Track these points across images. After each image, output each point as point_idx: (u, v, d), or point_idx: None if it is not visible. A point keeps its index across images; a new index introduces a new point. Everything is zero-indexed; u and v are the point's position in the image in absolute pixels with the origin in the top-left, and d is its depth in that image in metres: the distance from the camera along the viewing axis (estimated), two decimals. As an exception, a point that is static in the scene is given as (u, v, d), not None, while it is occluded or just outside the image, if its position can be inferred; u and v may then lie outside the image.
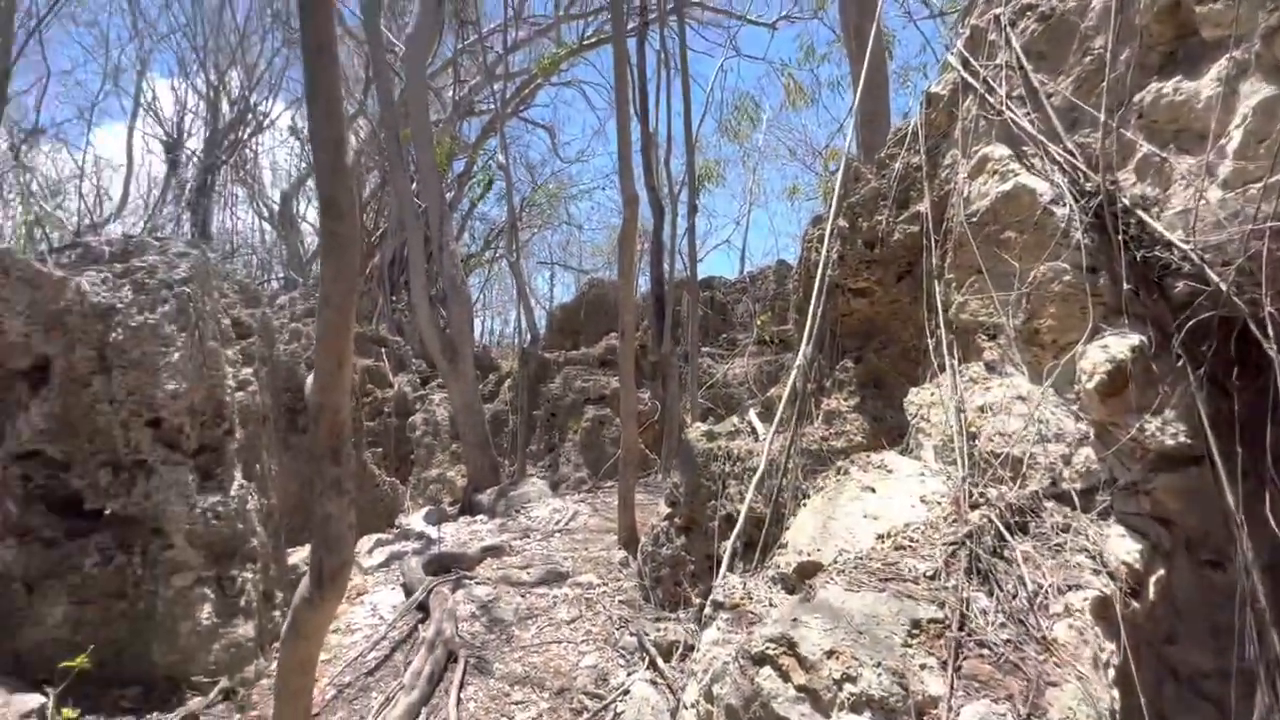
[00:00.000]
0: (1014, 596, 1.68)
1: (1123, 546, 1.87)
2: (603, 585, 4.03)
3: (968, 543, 1.81)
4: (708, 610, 2.31)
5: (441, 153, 10.27)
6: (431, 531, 5.56)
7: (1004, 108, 2.49)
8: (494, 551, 4.67)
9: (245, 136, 17.56)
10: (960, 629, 1.57)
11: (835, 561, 1.93)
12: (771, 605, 2.03)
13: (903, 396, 2.66)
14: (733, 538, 2.91)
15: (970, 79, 2.71)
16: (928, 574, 1.75)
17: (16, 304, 2.78)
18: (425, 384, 10.15)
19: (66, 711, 2.33)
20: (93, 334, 2.79)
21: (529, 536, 5.26)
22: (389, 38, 10.59)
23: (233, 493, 2.99)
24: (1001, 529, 1.86)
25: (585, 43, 14.04)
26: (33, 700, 2.31)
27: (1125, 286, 2.04)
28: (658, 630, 3.20)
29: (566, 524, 5.56)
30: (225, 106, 17.41)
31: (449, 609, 3.29)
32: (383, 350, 10.26)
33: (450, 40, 14.55)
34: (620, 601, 3.77)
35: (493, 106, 14.83)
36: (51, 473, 2.91)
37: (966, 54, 2.80)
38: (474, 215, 16.52)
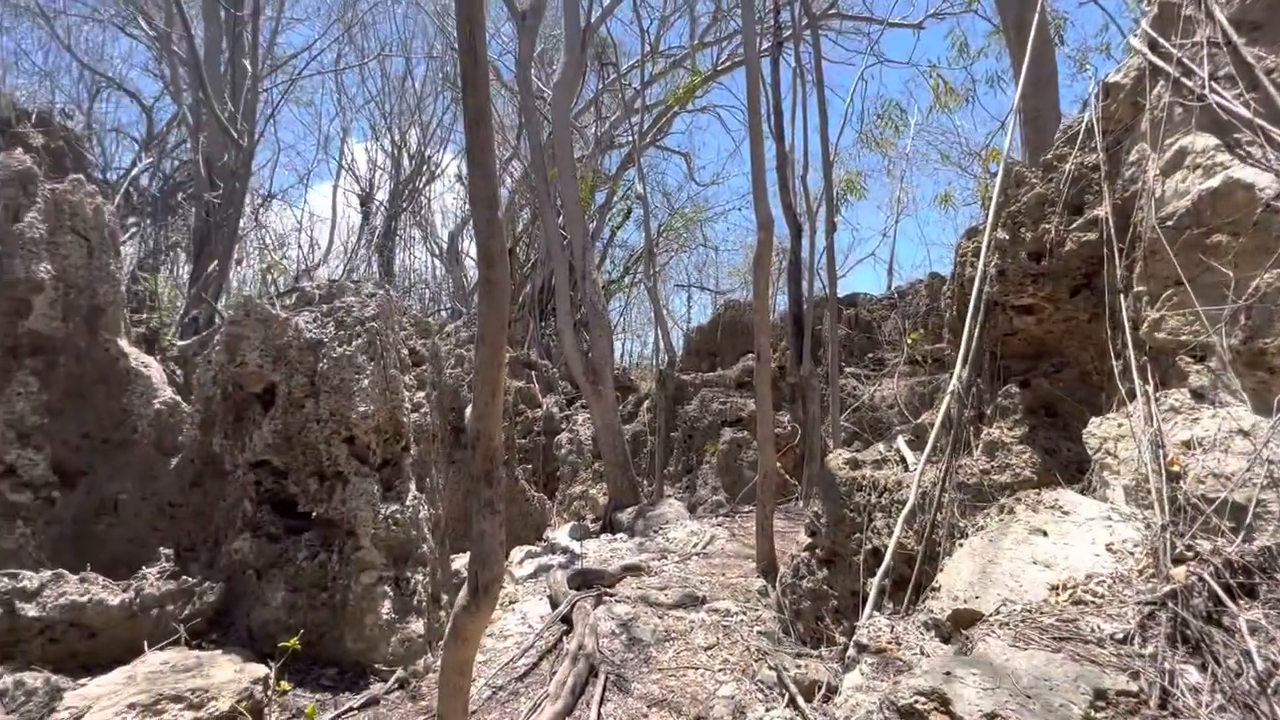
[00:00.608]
0: (1237, 675, 1.40)
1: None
2: (741, 613, 3.95)
3: (1171, 604, 1.54)
4: (851, 651, 2.18)
5: (585, 187, 10.95)
6: (575, 547, 5.84)
7: (1206, 90, 2.14)
8: (633, 570, 4.78)
9: (421, 185, 20.06)
10: (1161, 707, 1.34)
11: (998, 612, 1.74)
12: (922, 654, 1.87)
13: (1080, 427, 2.35)
14: (879, 575, 2.73)
15: (1160, 62, 2.37)
16: (1117, 637, 1.52)
17: (254, 340, 3.42)
18: (570, 404, 10.74)
19: (283, 684, 2.77)
20: (306, 364, 3.34)
21: (666, 557, 5.31)
22: (538, 85, 11.57)
23: (408, 502, 3.39)
24: (1218, 590, 1.56)
25: (719, 68, 14.26)
26: (259, 670, 2.77)
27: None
28: (798, 667, 3.07)
29: (704, 547, 5.54)
30: (405, 161, 20.07)
31: (591, 624, 3.43)
32: (532, 373, 11.04)
33: (592, 81, 15.53)
34: (759, 632, 3.67)
35: (632, 138, 15.55)
36: (275, 479, 3.52)
37: (1154, 34, 2.45)
38: (614, 243, 17.29)
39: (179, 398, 4.10)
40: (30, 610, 2.78)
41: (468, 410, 1.35)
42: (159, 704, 2.38)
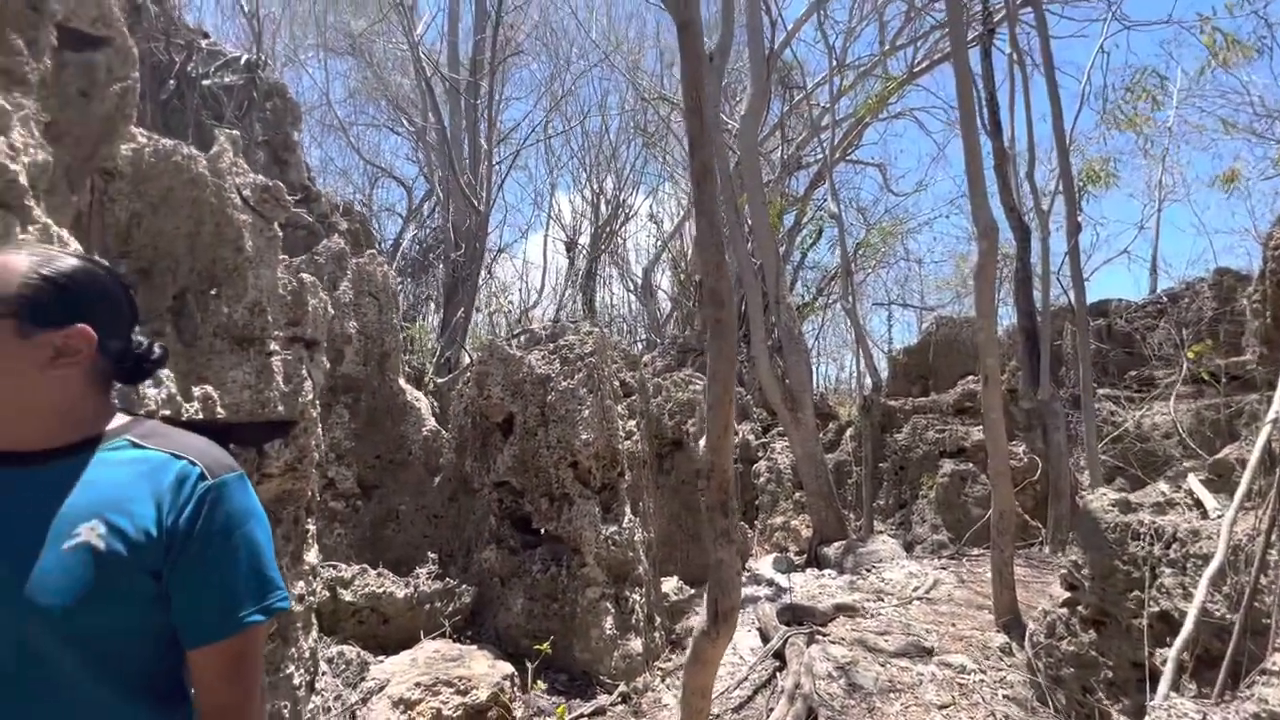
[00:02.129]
0: None
1: None
2: (979, 671, 3.49)
3: None
4: (1146, 738, 1.80)
5: (773, 212, 10.87)
6: (781, 580, 5.67)
7: None
8: (846, 610, 4.50)
9: (617, 227, 21.68)
10: None
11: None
12: (1260, 756, 1.48)
13: None
14: (1177, 647, 2.22)
15: None
16: None
17: (497, 376, 3.97)
18: (766, 432, 10.56)
19: (539, 683, 3.10)
20: (537, 396, 3.79)
21: (883, 599, 4.91)
22: (723, 119, 11.88)
23: (624, 525, 3.62)
24: None
25: (916, 70, 13.29)
26: (508, 667, 3.14)
27: None
28: (1063, 745, 2.60)
29: (926, 592, 5.01)
30: (602, 206, 21.91)
31: (806, 663, 3.30)
32: (727, 400, 11.08)
33: (775, 105, 15.49)
34: (1005, 696, 3.20)
35: (820, 156, 15.12)
36: (514, 498, 4.00)
37: None
38: (805, 265, 16.82)
39: (440, 426, 4.90)
40: (346, 595, 3.50)
41: (701, 438, 1.41)
42: (436, 685, 2.82)
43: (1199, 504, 2.87)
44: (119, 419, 0.88)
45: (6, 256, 0.80)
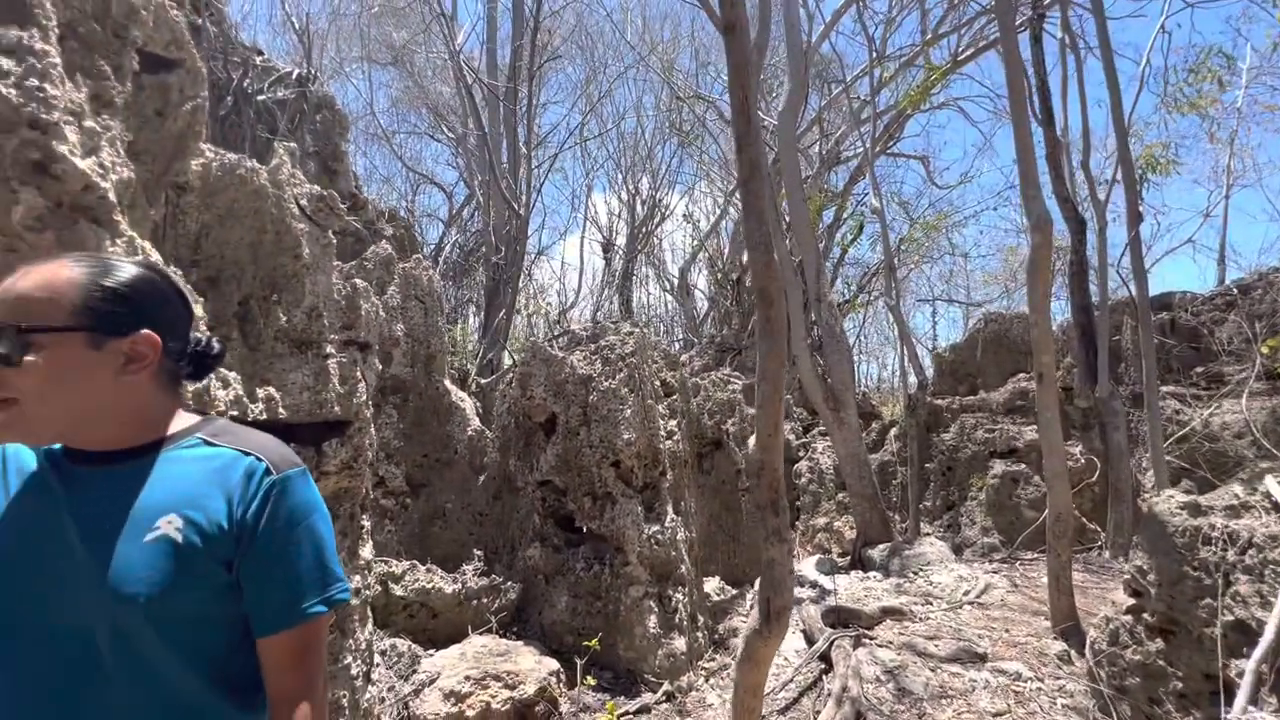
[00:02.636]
0: None
1: None
2: (1036, 680, 3.37)
3: None
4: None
5: (813, 208, 10.70)
6: (825, 582, 5.58)
7: None
8: (893, 614, 4.40)
9: (653, 227, 21.68)
10: None
11: None
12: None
13: None
14: (1256, 657, 2.11)
15: None
16: None
17: (539, 377, 4.03)
18: (806, 432, 10.41)
19: (589, 679, 3.14)
20: (580, 396, 3.83)
21: (931, 603, 4.78)
22: (760, 116, 11.75)
23: (667, 524, 3.63)
24: None
25: (960, 59, 12.89)
26: (553, 663, 3.19)
27: None
28: (1129, 758, 2.49)
29: (977, 596, 4.86)
30: (638, 207, 21.94)
31: (853, 666, 3.24)
32: (766, 399, 10.97)
33: (813, 99, 15.24)
34: (1064, 706, 3.09)
35: (859, 150, 14.80)
36: (557, 497, 4.05)
37: None
38: (846, 261, 16.50)
39: (484, 426, 5.00)
40: (397, 590, 3.60)
41: (749, 438, 1.40)
42: (485, 679, 2.88)
43: (1278, 507, 2.70)
44: (190, 418, 0.93)
45: (63, 270, 0.82)
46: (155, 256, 1.51)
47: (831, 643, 3.55)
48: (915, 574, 5.58)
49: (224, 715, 0.86)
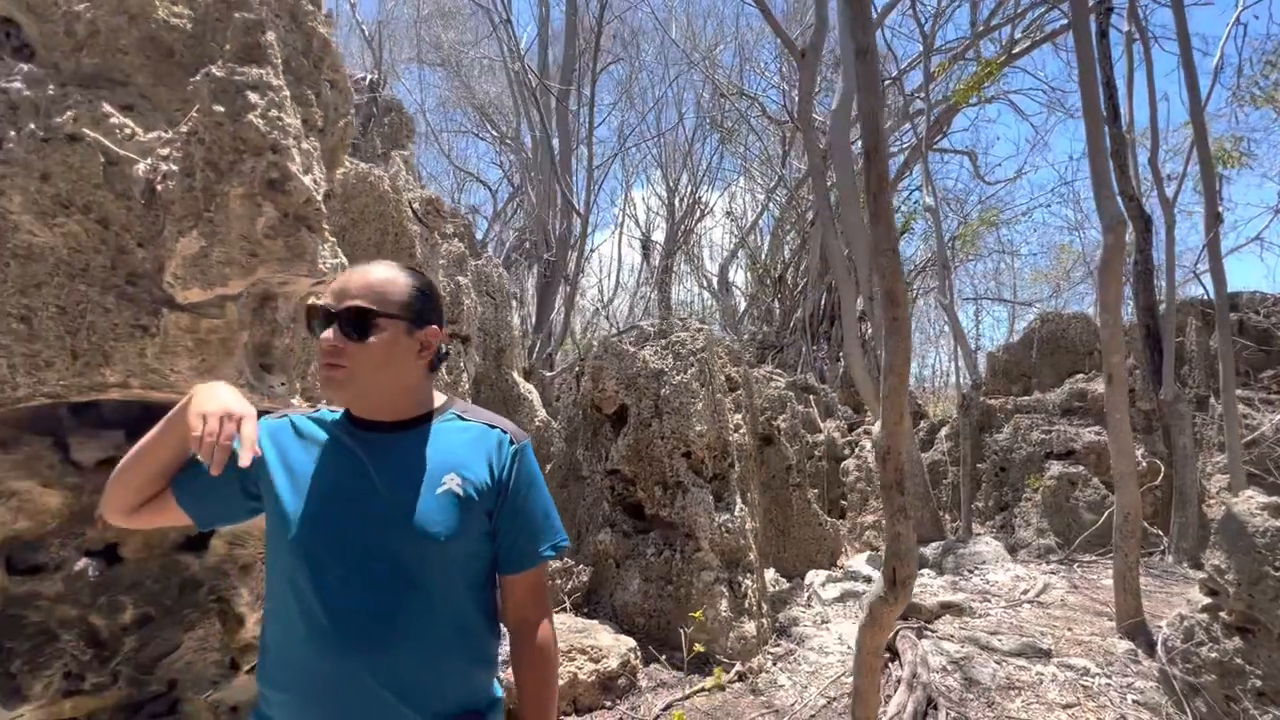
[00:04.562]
0: None
1: None
2: (1104, 676, 3.41)
3: None
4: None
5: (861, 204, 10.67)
6: (877, 576, 5.65)
7: None
8: (952, 609, 4.46)
9: (693, 224, 21.73)
10: None
11: None
12: None
13: None
14: (1342, 654, 2.14)
15: None
16: None
17: (611, 370, 4.20)
18: (851, 430, 10.41)
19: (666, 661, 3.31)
20: (651, 389, 3.99)
21: (989, 600, 4.82)
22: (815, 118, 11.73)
23: (736, 513, 3.77)
24: None
25: (1015, 51, 12.62)
26: (630, 641, 3.37)
27: None
28: (1206, 752, 2.54)
29: (1037, 595, 4.88)
30: (677, 203, 22.01)
31: (921, 656, 3.34)
32: (810, 397, 11.00)
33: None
34: (1135, 702, 3.13)
35: (905, 145, 14.60)
36: (626, 485, 4.23)
37: None
38: (890, 259, 16.30)
39: (550, 416, 5.21)
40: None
41: (876, 429, 1.52)
42: (570, 652, 3.07)
43: (1365, 510, 2.70)
44: (440, 397, 1.15)
45: (393, 270, 1.05)
46: (343, 258, 1.72)
47: (897, 633, 3.64)
48: (970, 572, 5.60)
49: (483, 632, 1.07)
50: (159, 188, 1.40)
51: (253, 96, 1.39)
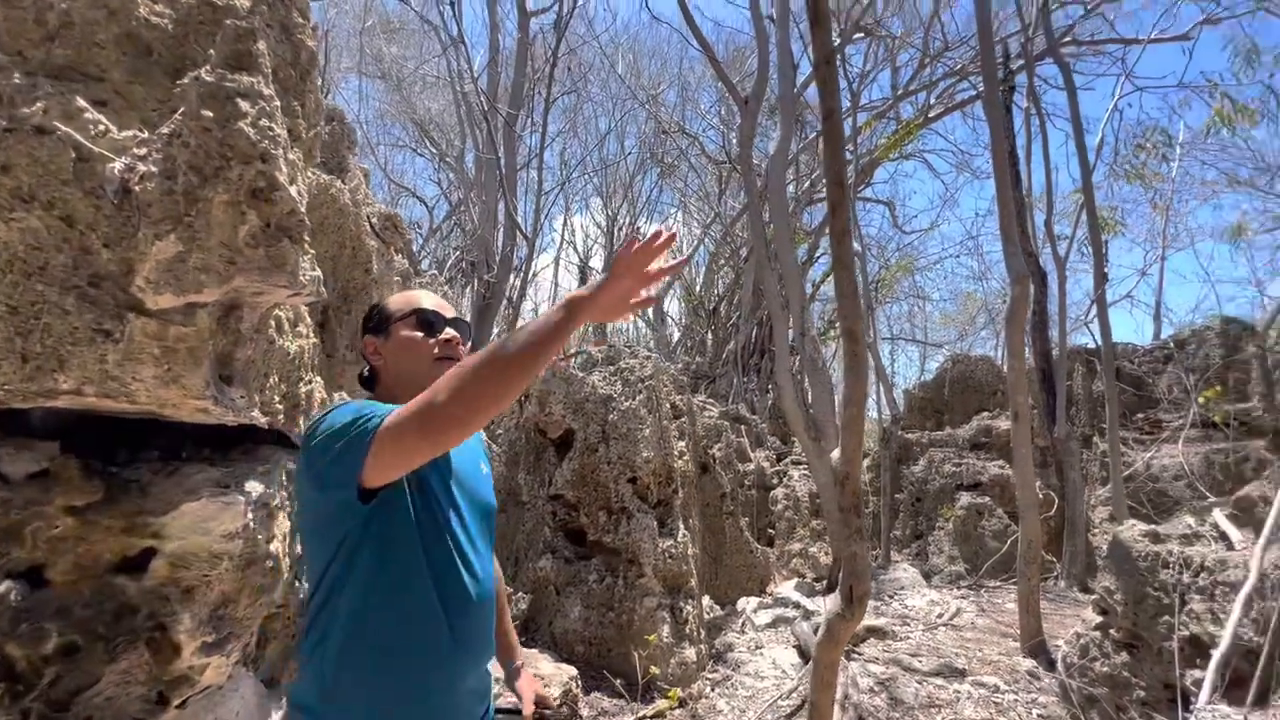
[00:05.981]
0: None
1: None
2: (1011, 692, 3.68)
3: None
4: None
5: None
6: (806, 603, 5.84)
7: None
8: (876, 633, 4.68)
9: (630, 253, 22.13)
10: None
11: None
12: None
13: None
14: (1212, 669, 2.45)
15: None
16: None
17: (558, 394, 4.21)
18: (779, 460, 10.77)
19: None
20: (599, 415, 4.03)
21: (908, 624, 5.09)
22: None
23: (679, 539, 3.83)
24: None
25: (930, 116, 13.88)
26: (571, 669, 3.32)
27: None
28: (1100, 758, 2.80)
29: (950, 619, 5.20)
30: (616, 233, 22.38)
31: (851, 677, 3.49)
32: (742, 427, 11.31)
33: (792, 143, 16.03)
34: (1040, 716, 3.40)
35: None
36: (569, 511, 4.21)
37: None
38: (816, 297, 17.20)
39: (488, 439, 5.12)
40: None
41: (833, 457, 1.62)
42: (512, 683, 3.00)
43: (1224, 536, 3.11)
44: None
45: (427, 291, 1.28)
46: (319, 271, 1.69)
47: (828, 656, 3.79)
48: (890, 597, 5.90)
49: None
50: (135, 188, 1.35)
51: (244, 104, 1.38)
